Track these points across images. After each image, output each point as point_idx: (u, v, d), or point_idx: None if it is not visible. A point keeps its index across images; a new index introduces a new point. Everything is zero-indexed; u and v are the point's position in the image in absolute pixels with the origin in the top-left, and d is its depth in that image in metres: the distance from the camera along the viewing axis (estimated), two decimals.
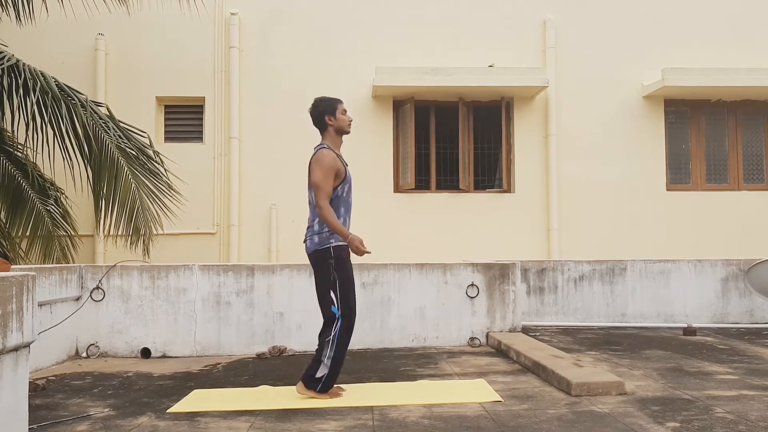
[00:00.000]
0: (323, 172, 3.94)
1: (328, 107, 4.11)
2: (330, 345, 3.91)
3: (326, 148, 4.04)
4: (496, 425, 3.36)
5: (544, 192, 8.93)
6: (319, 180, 3.93)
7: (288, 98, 8.66)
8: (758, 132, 9.37)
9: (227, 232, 8.64)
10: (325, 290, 3.98)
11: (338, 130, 4.13)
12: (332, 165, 3.96)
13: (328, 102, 4.14)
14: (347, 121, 4.16)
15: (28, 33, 7.85)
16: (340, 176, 4.01)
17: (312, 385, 3.95)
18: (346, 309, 3.96)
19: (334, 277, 3.94)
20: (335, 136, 4.14)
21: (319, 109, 4.12)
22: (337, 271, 3.94)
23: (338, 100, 4.17)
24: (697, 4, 9.20)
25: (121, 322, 5.79)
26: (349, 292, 3.98)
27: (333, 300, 3.94)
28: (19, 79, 6.00)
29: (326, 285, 3.97)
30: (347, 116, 4.17)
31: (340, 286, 3.95)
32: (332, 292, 3.94)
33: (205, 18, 8.49)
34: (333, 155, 4.01)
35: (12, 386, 2.40)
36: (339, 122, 4.12)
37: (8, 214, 7.11)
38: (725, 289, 7.54)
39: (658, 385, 4.24)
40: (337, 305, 3.93)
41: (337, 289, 3.94)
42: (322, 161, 3.97)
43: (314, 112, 4.14)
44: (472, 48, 8.91)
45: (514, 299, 6.21)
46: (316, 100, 4.16)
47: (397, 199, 8.85)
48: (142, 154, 6.73)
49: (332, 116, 4.10)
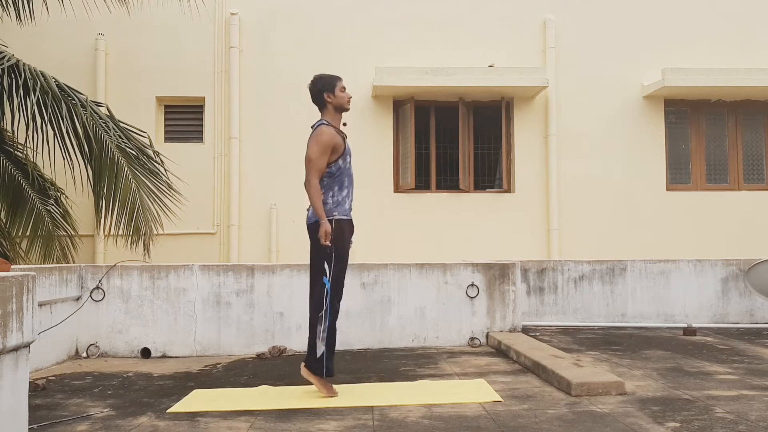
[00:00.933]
0: (319, 149, 3.97)
1: (327, 84, 4.12)
2: (324, 318, 3.97)
3: (325, 124, 4.07)
4: (496, 425, 3.36)
5: (544, 192, 8.93)
6: (313, 155, 3.96)
7: (288, 98, 8.66)
8: (758, 132, 9.37)
9: (227, 232, 8.64)
10: (320, 261, 4.00)
11: (337, 107, 4.14)
12: (329, 141, 3.98)
13: (327, 79, 4.14)
14: (346, 98, 4.17)
15: (28, 33, 7.86)
16: (338, 150, 4.03)
17: (316, 369, 4.00)
18: (336, 282, 4.01)
19: (331, 250, 3.96)
20: (334, 113, 4.15)
21: (318, 86, 4.13)
22: (335, 243, 3.97)
23: (337, 77, 4.17)
24: (697, 4, 9.21)
25: (121, 322, 5.79)
26: (342, 266, 4.05)
27: (326, 271, 3.97)
28: (20, 79, 6.00)
29: (322, 256, 3.99)
30: (346, 93, 4.18)
31: (336, 258, 3.99)
32: (326, 263, 3.98)
33: (205, 18, 8.49)
34: (332, 130, 4.03)
35: (12, 386, 2.40)
36: (338, 99, 4.12)
37: (8, 214, 7.11)
38: (725, 289, 7.54)
39: (658, 385, 4.24)
40: (328, 276, 3.97)
41: (332, 262, 3.98)
42: (319, 137, 3.99)
43: (313, 89, 4.15)
44: (472, 48, 8.91)
45: (514, 299, 6.21)
46: (315, 77, 4.17)
47: (397, 199, 8.85)
48: (142, 154, 6.74)
49: (331, 93, 4.11)
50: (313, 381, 4.03)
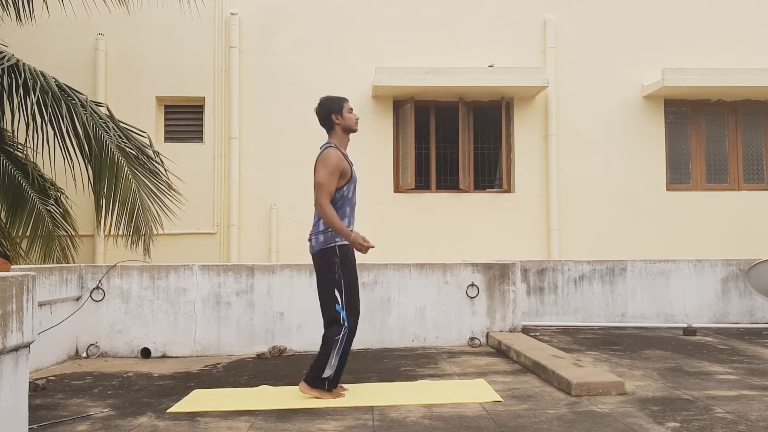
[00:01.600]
0: (328, 172, 3.92)
1: (334, 106, 4.09)
2: (339, 344, 3.89)
3: (332, 147, 4.02)
4: (496, 425, 3.36)
5: (544, 192, 8.93)
6: (322, 179, 3.91)
7: (288, 98, 8.67)
8: (758, 132, 9.37)
9: (227, 232, 8.64)
10: (330, 289, 3.95)
11: (345, 128, 4.10)
12: (337, 165, 3.94)
13: (334, 101, 4.11)
14: (354, 119, 4.13)
15: (28, 33, 7.86)
16: (345, 176, 3.99)
17: (318, 385, 3.95)
18: (351, 307, 3.96)
19: (339, 276, 3.93)
20: (342, 135, 4.11)
21: (326, 108, 4.09)
22: (342, 270, 3.93)
23: (344, 99, 4.14)
24: (697, 4, 9.20)
25: (121, 322, 5.79)
26: (354, 291, 3.99)
27: (338, 299, 3.93)
28: (20, 79, 6.00)
29: (331, 284, 3.95)
30: (354, 114, 4.14)
31: (346, 285, 3.94)
32: (337, 291, 3.93)
33: (205, 18, 8.49)
34: (339, 155, 3.99)
35: (12, 386, 2.40)
36: (346, 121, 4.09)
37: (8, 214, 7.11)
38: (725, 289, 7.54)
39: (658, 385, 4.24)
40: (342, 304, 3.92)
41: (343, 288, 3.93)
42: (327, 160, 3.95)
43: (320, 112, 4.10)
44: (472, 48, 8.91)
45: (514, 299, 6.21)
46: (322, 100, 4.13)
47: (397, 199, 8.85)
48: (142, 154, 6.74)
49: (339, 115, 4.08)
50: (314, 394, 3.94)
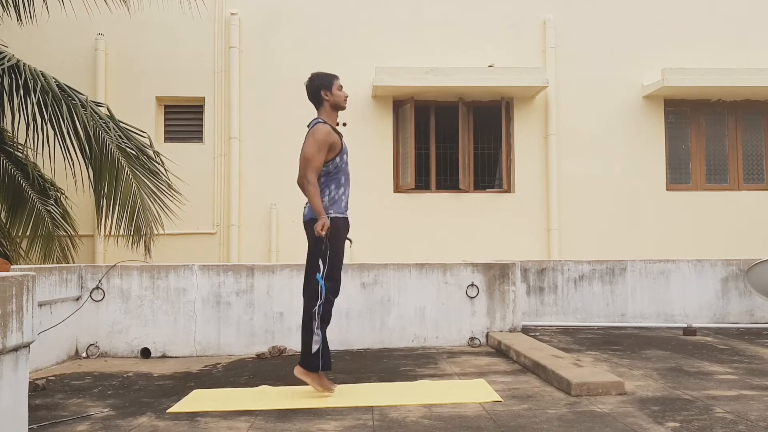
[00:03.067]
0: (316, 146, 3.98)
1: (324, 82, 4.14)
2: (317, 314, 3.95)
3: (321, 122, 4.08)
4: (496, 425, 3.36)
5: (544, 192, 8.93)
6: (310, 154, 3.97)
7: (288, 98, 8.65)
8: (758, 132, 9.37)
9: (227, 232, 8.64)
10: (315, 258, 4.02)
11: (334, 105, 4.16)
12: (326, 139, 4.00)
13: (324, 77, 4.16)
14: (343, 96, 4.19)
15: (29, 33, 7.86)
16: (335, 148, 4.05)
17: (311, 365, 3.98)
18: (331, 278, 4.00)
19: (326, 247, 3.97)
20: (331, 111, 4.17)
21: (316, 83, 4.14)
22: (330, 241, 3.98)
23: (334, 76, 4.19)
24: (697, 4, 9.21)
25: (121, 322, 5.79)
26: (337, 263, 4.04)
27: (320, 268, 3.98)
28: (20, 80, 6.00)
29: (317, 253, 4.01)
30: (343, 92, 4.20)
31: (331, 256, 3.99)
32: (321, 261, 3.98)
33: (205, 18, 8.49)
34: (328, 128, 4.05)
35: (12, 386, 2.40)
36: (335, 97, 4.15)
37: (8, 214, 7.11)
38: (725, 289, 7.54)
39: (658, 385, 4.24)
40: (322, 273, 3.97)
41: (327, 259, 3.98)
42: (316, 135, 4.01)
43: (310, 86, 4.16)
44: (472, 48, 8.91)
45: (514, 299, 6.21)
46: (312, 75, 4.19)
47: (396, 199, 8.85)
48: (143, 154, 6.74)
49: (328, 91, 4.13)
50: (308, 380, 4.01)
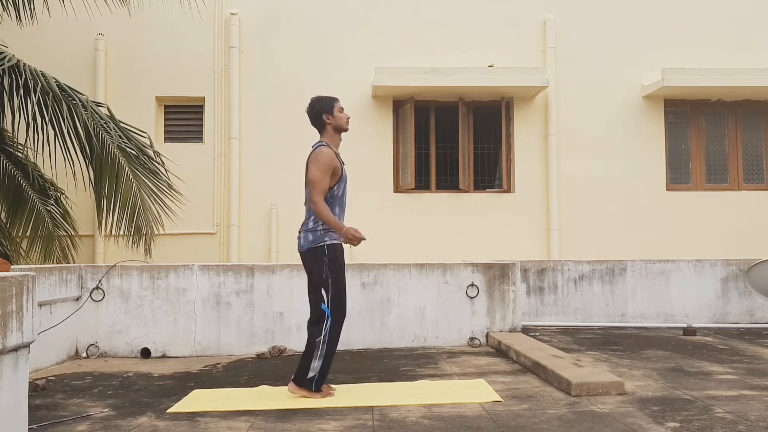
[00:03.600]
0: (320, 170, 3.96)
1: (325, 106, 4.13)
2: (321, 344, 3.93)
3: (324, 146, 4.06)
4: (496, 425, 3.36)
5: (544, 192, 8.93)
6: (315, 177, 3.96)
7: (288, 98, 8.66)
8: (758, 132, 9.37)
9: (227, 232, 8.64)
10: (317, 288, 4.00)
11: (336, 128, 4.15)
12: (329, 162, 3.98)
13: (325, 101, 4.16)
14: (345, 118, 4.18)
15: (29, 33, 7.86)
16: (336, 175, 4.03)
17: (304, 384, 3.97)
18: (337, 306, 3.99)
19: (326, 275, 3.96)
20: (333, 134, 4.15)
21: (317, 108, 4.13)
22: (330, 269, 3.97)
23: (335, 99, 4.19)
24: (697, 4, 9.20)
25: (121, 322, 5.79)
26: (340, 291, 4.02)
27: (323, 298, 3.97)
28: (20, 80, 6.00)
29: (318, 283, 3.99)
30: (344, 114, 4.19)
31: (332, 284, 3.98)
32: (323, 290, 3.97)
33: (205, 18, 8.49)
34: (331, 153, 4.03)
35: (12, 386, 2.40)
36: (337, 120, 4.13)
37: (9, 214, 7.11)
38: (725, 289, 7.54)
39: (658, 385, 4.24)
40: (327, 303, 3.96)
41: (329, 287, 3.97)
42: (319, 158, 3.99)
43: (311, 112, 4.15)
44: (472, 48, 8.91)
45: (514, 299, 6.21)
46: (312, 100, 4.18)
47: (396, 199, 8.85)
48: (143, 154, 6.74)
49: (330, 115, 4.12)
50: (302, 394, 3.96)
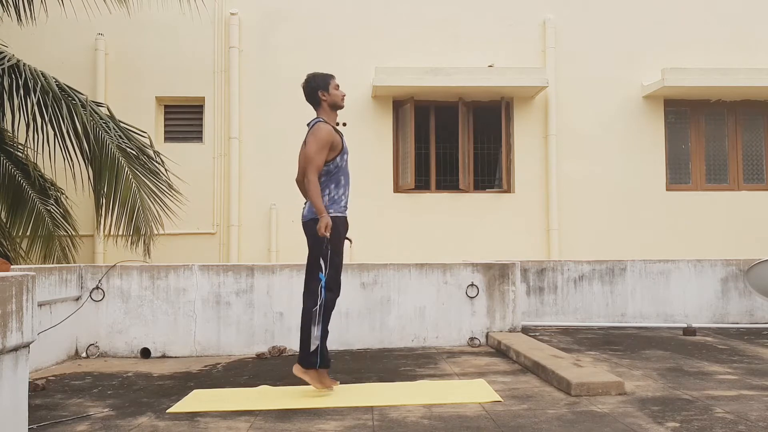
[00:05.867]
0: (318, 146, 4.00)
1: (321, 82, 4.16)
2: (318, 314, 3.96)
3: (322, 122, 4.10)
4: (495, 425, 3.36)
5: (544, 192, 8.93)
6: (311, 153, 3.99)
7: (288, 98, 8.65)
8: (758, 132, 9.37)
9: (227, 232, 8.64)
10: (315, 258, 4.04)
11: (332, 104, 4.19)
12: (327, 138, 4.02)
13: (320, 77, 4.19)
14: (340, 95, 4.21)
15: (28, 33, 7.86)
16: (336, 148, 4.07)
17: (309, 362, 3.99)
18: (332, 278, 4.02)
19: (327, 246, 3.99)
20: (329, 111, 4.19)
21: (312, 84, 4.17)
22: (331, 240, 3.99)
23: (331, 75, 4.22)
24: (697, 4, 9.21)
25: (120, 322, 5.79)
26: (338, 263, 4.06)
27: (321, 267, 4.00)
28: (20, 80, 6.00)
29: (317, 252, 4.02)
30: (340, 91, 4.23)
31: (332, 255, 4.01)
32: (322, 260, 4.00)
33: (205, 18, 8.50)
34: (329, 128, 4.07)
35: (12, 386, 2.40)
36: (332, 97, 4.17)
37: (9, 214, 7.11)
38: (725, 289, 7.54)
39: (657, 385, 4.24)
40: (324, 272, 3.99)
41: (328, 258, 4.00)
42: (317, 134, 4.03)
43: (307, 88, 4.19)
44: (472, 48, 8.92)
45: (514, 299, 6.21)
46: (308, 76, 4.21)
47: (396, 200, 8.85)
48: (143, 154, 6.74)
49: (325, 91, 4.16)
50: (307, 378, 4.02)
